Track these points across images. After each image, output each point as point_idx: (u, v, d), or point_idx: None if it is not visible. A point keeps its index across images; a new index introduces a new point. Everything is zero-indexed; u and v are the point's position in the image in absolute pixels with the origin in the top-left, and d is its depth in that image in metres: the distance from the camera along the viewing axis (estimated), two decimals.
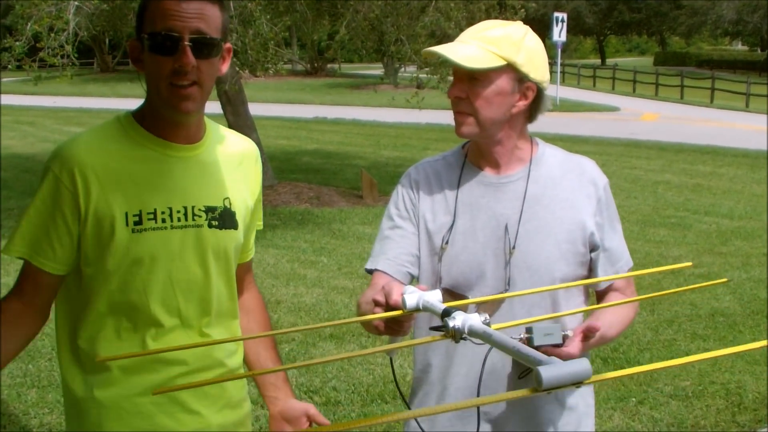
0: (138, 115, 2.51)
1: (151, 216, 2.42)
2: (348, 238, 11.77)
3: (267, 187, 14.65)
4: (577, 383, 1.32)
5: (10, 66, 11.21)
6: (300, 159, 19.93)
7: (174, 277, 2.47)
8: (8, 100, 34.05)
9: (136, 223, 2.40)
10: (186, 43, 2.33)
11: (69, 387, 2.55)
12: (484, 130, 2.63)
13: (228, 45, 2.50)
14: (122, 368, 2.47)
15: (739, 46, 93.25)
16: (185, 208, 2.48)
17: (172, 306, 2.49)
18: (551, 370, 1.30)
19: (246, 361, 2.81)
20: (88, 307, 2.48)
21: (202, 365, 2.56)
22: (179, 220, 2.47)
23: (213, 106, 13.71)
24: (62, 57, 10.92)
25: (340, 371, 6.67)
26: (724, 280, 2.23)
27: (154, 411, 2.49)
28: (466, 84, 2.58)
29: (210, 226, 2.52)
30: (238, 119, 14.49)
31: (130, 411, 2.48)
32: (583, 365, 1.32)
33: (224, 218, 2.56)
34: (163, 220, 2.44)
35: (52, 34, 10.75)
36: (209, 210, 2.53)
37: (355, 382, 6.50)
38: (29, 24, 10.73)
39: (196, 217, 2.50)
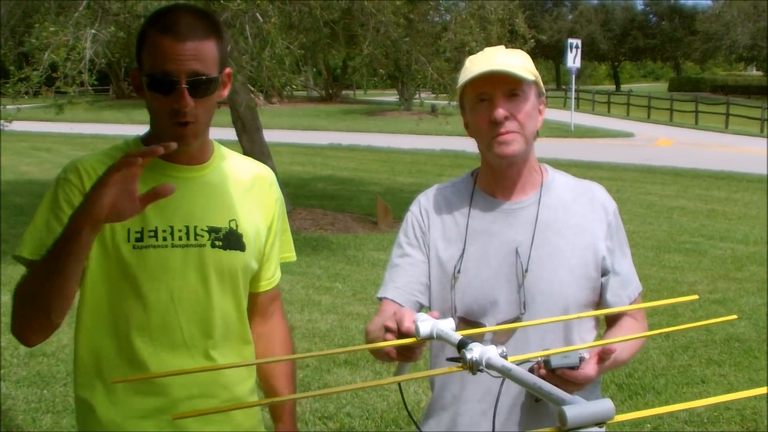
0: (146, 140, 2.55)
1: (152, 234, 2.44)
2: (363, 264, 11.78)
3: None
4: (600, 423, 1.33)
5: (27, 95, 11.24)
6: (315, 185, 19.97)
7: (175, 295, 2.48)
8: (25, 126, 34.20)
9: (137, 240, 2.43)
10: (183, 86, 2.35)
11: (77, 402, 2.57)
12: (528, 147, 2.64)
13: (228, 70, 2.52)
14: (125, 389, 2.48)
15: (754, 72, 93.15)
16: (186, 227, 2.49)
17: (173, 324, 2.49)
18: (576, 410, 1.30)
19: (263, 390, 2.81)
20: (89, 325, 2.50)
21: (207, 391, 2.56)
22: (180, 239, 2.48)
23: (228, 133, 13.77)
24: (80, 85, 10.98)
25: (354, 397, 6.67)
26: (734, 317, 2.23)
27: None
28: (507, 102, 2.57)
29: (213, 246, 2.53)
30: (253, 146, 14.55)
31: None
32: (606, 405, 1.33)
33: (229, 239, 2.56)
34: (164, 239, 2.46)
35: (69, 63, 10.81)
36: (212, 230, 2.53)
37: (369, 408, 6.50)
38: (46, 53, 10.80)
39: (198, 237, 2.50)
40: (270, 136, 17.02)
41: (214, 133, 2.63)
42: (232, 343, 2.63)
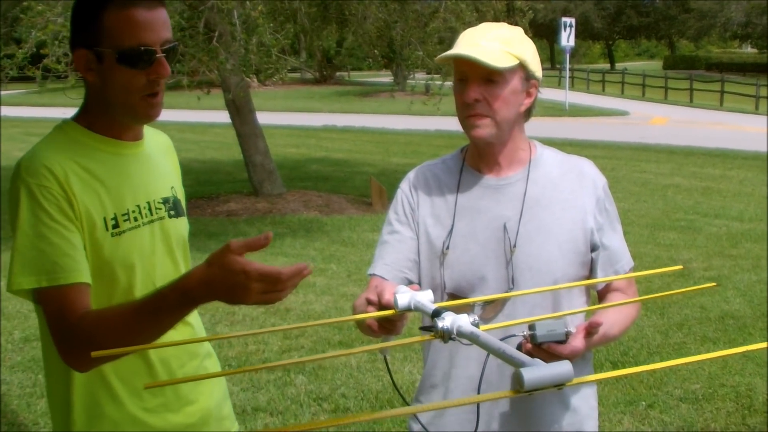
0: (83, 121, 2.44)
1: (126, 217, 2.38)
2: (357, 246, 11.78)
3: (276, 196, 14.68)
4: (559, 385, 1.33)
5: (11, 72, 11.12)
6: (309, 167, 19.94)
7: (151, 273, 2.44)
8: (17, 112, 34.15)
9: (114, 227, 2.34)
10: (161, 55, 2.30)
11: (70, 415, 2.43)
12: (500, 131, 2.64)
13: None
14: (122, 381, 2.42)
15: (749, 49, 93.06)
16: (149, 203, 2.46)
17: None
18: (533, 372, 1.31)
19: None
20: None
21: (190, 355, 2.60)
22: (146, 216, 2.44)
23: (222, 116, 13.66)
24: (67, 65, 10.92)
25: (349, 378, 6.68)
26: (713, 284, 2.24)
27: (162, 411, 2.50)
28: (482, 86, 2.58)
29: (170, 216, 2.53)
30: (246, 128, 14.48)
31: (144, 425, 2.46)
32: (564, 368, 1.33)
33: (176, 207, 2.58)
34: (135, 219, 2.41)
35: (57, 42, 10.75)
36: (165, 201, 2.53)
37: (364, 389, 6.50)
38: (33, 32, 10.74)
39: (157, 210, 2.49)
40: (263, 118, 16.95)
41: (208, 115, 2.61)
42: None
